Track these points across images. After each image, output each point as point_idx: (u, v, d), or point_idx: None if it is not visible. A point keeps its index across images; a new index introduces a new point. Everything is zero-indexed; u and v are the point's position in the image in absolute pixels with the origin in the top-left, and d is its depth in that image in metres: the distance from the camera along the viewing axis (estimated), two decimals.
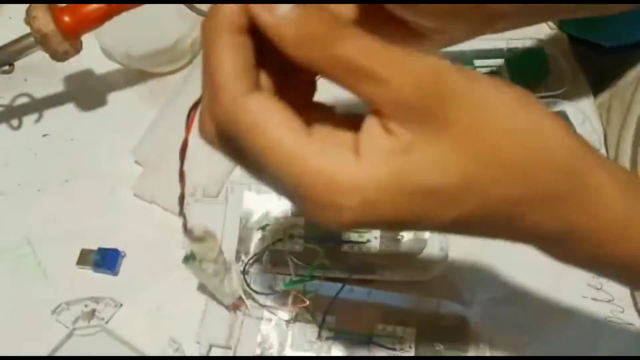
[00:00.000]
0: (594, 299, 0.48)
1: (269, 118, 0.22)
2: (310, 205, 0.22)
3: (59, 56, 0.46)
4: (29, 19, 0.45)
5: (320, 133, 0.23)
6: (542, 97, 0.57)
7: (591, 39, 0.57)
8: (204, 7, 0.54)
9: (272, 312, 0.45)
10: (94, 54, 0.57)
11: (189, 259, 0.39)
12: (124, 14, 0.46)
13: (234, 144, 0.23)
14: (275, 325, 0.44)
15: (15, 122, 0.54)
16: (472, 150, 0.22)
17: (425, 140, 0.22)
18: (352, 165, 0.22)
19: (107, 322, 0.44)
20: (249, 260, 0.45)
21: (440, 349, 0.44)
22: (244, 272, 0.45)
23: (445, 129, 0.22)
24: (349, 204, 0.22)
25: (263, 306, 0.44)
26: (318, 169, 0.22)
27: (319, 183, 0.22)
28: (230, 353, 0.43)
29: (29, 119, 0.54)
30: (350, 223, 0.22)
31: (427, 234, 0.48)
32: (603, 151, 0.55)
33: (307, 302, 0.43)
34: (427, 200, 0.22)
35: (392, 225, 0.23)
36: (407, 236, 0.48)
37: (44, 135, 0.53)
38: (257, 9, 0.21)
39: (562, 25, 0.60)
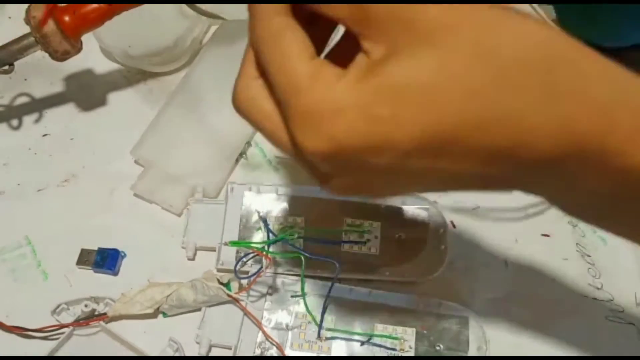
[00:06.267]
0: (594, 299, 0.48)
1: (284, 34, 0.24)
2: (294, 126, 0.23)
3: (59, 56, 0.46)
4: (28, 19, 0.45)
5: (322, 61, 0.24)
6: None
7: (589, 39, 0.57)
8: (204, 7, 0.54)
9: (272, 312, 0.45)
10: (94, 54, 0.57)
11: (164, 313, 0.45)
12: (124, 14, 0.46)
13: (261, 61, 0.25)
14: (275, 325, 0.44)
15: (15, 122, 0.54)
16: (448, 45, 0.21)
17: (400, 49, 0.22)
18: (332, 87, 0.22)
19: (107, 322, 0.44)
20: (248, 260, 0.45)
21: (440, 349, 0.44)
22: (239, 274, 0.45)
23: (418, 34, 0.21)
24: (326, 124, 0.22)
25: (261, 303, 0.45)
26: (306, 91, 0.23)
27: (304, 103, 0.23)
28: (230, 353, 0.43)
29: (29, 119, 0.54)
30: (330, 146, 0.23)
31: (427, 234, 0.48)
32: None
33: (270, 260, 0.43)
34: (403, 100, 0.21)
35: (380, 149, 0.22)
36: (407, 236, 0.48)
37: (44, 135, 0.53)
38: None
39: (562, 24, 0.60)
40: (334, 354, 0.44)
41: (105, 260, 0.47)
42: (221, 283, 0.44)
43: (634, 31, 0.54)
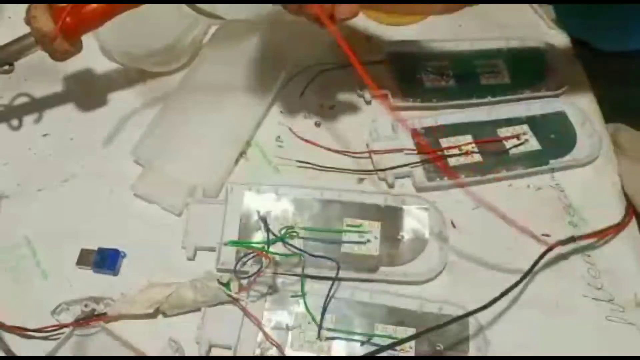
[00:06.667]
0: (595, 299, 0.48)
1: None
2: None
3: (59, 56, 0.46)
4: (28, 19, 0.45)
5: None
6: (542, 97, 0.57)
7: (591, 42, 0.57)
8: (204, 7, 0.54)
9: (272, 312, 0.45)
10: (94, 54, 0.57)
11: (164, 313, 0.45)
12: (124, 14, 0.46)
13: None
14: (275, 325, 0.44)
15: (15, 122, 0.54)
16: None
17: None
18: None
19: (107, 322, 0.44)
20: (248, 260, 0.45)
21: (441, 349, 0.44)
22: (238, 274, 0.45)
23: None
24: None
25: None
26: None
27: None
28: (230, 353, 0.43)
29: (29, 119, 0.54)
30: None
31: (427, 234, 0.48)
32: (605, 151, 0.55)
33: (270, 260, 0.44)
34: None
35: None
36: (407, 236, 0.48)
37: (44, 135, 0.53)
38: None
39: (564, 26, 0.60)
40: (334, 354, 0.44)
41: (105, 260, 0.47)
42: (221, 283, 0.44)
43: (632, 38, 0.53)
